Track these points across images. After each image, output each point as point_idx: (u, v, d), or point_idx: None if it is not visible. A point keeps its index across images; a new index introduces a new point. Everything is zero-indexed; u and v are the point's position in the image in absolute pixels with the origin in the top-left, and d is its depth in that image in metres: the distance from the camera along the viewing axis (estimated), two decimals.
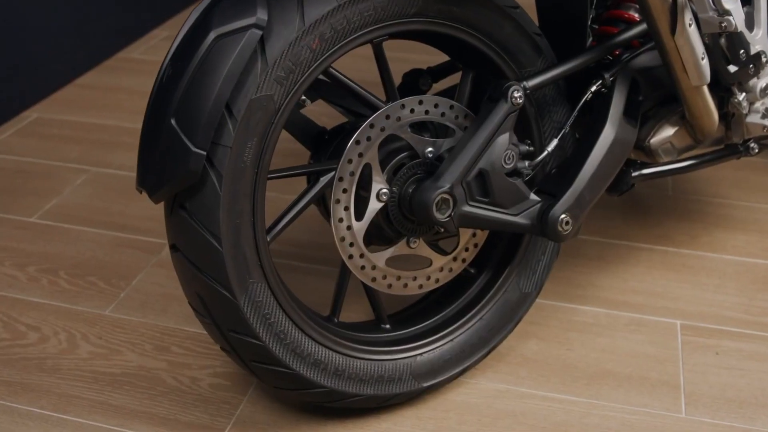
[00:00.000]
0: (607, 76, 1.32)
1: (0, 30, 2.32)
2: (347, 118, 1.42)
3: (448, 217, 1.21)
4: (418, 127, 1.33)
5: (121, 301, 1.65)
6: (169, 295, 1.66)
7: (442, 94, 1.44)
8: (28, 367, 1.48)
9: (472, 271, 1.43)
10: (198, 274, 1.14)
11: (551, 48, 1.36)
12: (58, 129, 2.35)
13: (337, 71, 1.20)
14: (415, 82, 1.46)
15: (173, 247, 1.16)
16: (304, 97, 1.21)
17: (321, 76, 1.22)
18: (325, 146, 1.35)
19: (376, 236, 1.29)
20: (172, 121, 1.06)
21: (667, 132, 1.44)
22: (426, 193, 1.19)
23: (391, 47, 1.49)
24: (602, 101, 1.32)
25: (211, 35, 1.07)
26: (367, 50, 1.28)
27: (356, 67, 2.43)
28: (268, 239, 1.21)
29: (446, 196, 1.20)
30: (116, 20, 2.81)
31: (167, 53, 1.12)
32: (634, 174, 1.44)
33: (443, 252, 1.32)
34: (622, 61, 1.35)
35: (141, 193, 1.13)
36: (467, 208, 1.22)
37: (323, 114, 2.06)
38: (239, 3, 1.08)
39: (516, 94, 1.22)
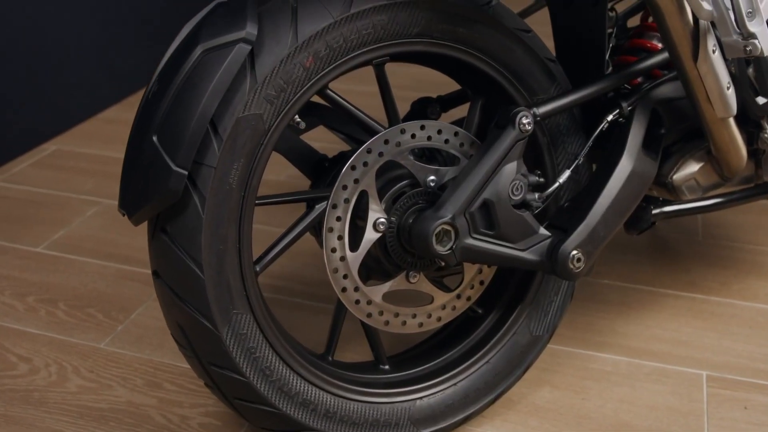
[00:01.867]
0: (624, 105, 1.24)
1: (26, 62, 2.32)
2: (351, 146, 1.36)
3: (449, 249, 1.13)
4: (428, 156, 1.26)
5: (118, 335, 1.58)
6: (167, 330, 1.59)
7: (455, 124, 1.37)
8: (14, 399, 1.41)
9: (480, 311, 1.34)
10: (178, 302, 1.07)
11: (567, 77, 1.29)
12: (75, 161, 2.33)
13: (334, 93, 1.14)
14: (424, 111, 1.39)
15: (155, 274, 1.09)
16: (298, 120, 1.15)
17: (318, 98, 1.16)
18: (325, 174, 1.29)
19: (374, 269, 1.21)
20: (154, 138, 1.01)
21: (692, 168, 1.35)
22: (425, 224, 1.12)
23: (402, 85, 1.43)
24: (620, 132, 1.24)
25: (198, 49, 1.01)
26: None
27: (369, 103, 2.38)
28: (258, 269, 1.14)
29: (447, 227, 1.12)
30: (142, 56, 2.81)
31: (156, 69, 1.07)
32: (655, 211, 1.35)
33: (446, 289, 1.24)
34: (642, 90, 1.27)
35: (124, 215, 1.08)
36: (470, 241, 1.14)
37: (337, 147, 2.00)
38: (229, 16, 1.03)
39: (524, 120, 1.14)
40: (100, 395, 1.42)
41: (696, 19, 1.14)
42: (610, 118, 1.24)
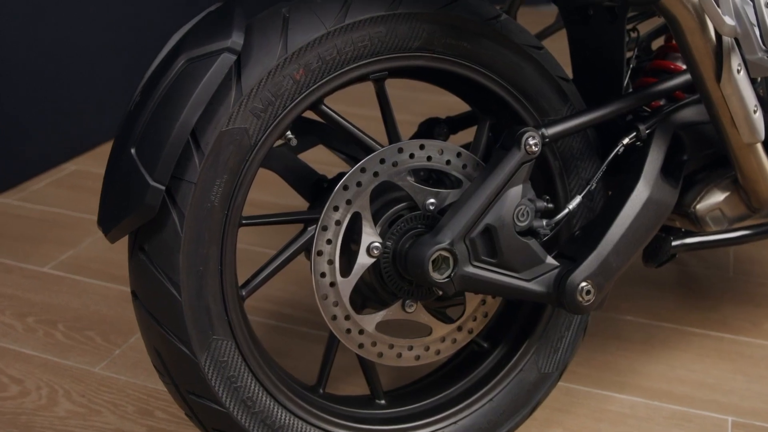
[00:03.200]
0: (642, 128, 1.16)
1: (48, 83, 2.32)
2: (351, 167, 1.29)
3: (447, 278, 1.05)
4: (436, 180, 1.19)
5: (114, 359, 1.53)
6: None
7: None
8: (0, 422, 1.36)
9: (485, 345, 1.26)
10: (155, 325, 1.01)
11: (585, 99, 1.21)
12: (92, 182, 2.30)
13: (330, 109, 1.08)
14: (431, 132, 1.33)
15: (133, 294, 1.04)
16: (290, 136, 1.09)
17: (313, 115, 1.10)
18: (323, 196, 1.22)
19: (369, 297, 1.14)
20: (132, 151, 0.96)
21: (717, 197, 1.26)
22: (422, 249, 1.04)
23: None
24: (637, 157, 1.16)
25: (182, 58, 0.96)
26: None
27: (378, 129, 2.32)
28: (244, 293, 1.07)
29: (445, 253, 1.04)
30: None
31: (142, 80, 1.03)
32: (675, 243, 1.26)
33: (446, 320, 1.16)
34: (662, 113, 1.19)
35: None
36: (470, 269, 1.06)
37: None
38: (214, 25, 0.98)
39: (531, 141, 1.07)
40: (89, 421, 1.37)
41: (719, 36, 1.06)
42: (625, 141, 1.15)
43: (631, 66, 1.29)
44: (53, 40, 2.32)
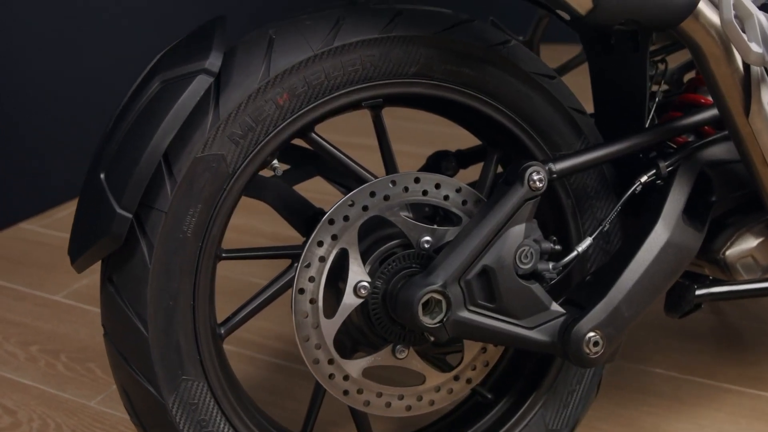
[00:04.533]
0: (662, 165, 1.06)
1: (73, 112, 2.32)
2: None
3: (438, 322, 0.97)
4: (443, 217, 1.11)
5: (111, 393, 1.47)
6: None
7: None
8: None
9: (489, 396, 1.16)
10: (122, 362, 0.95)
11: (605, 134, 1.12)
12: None
13: (320, 137, 1.01)
14: (438, 166, 1.25)
15: (103, 328, 0.98)
16: (276, 164, 1.02)
17: (304, 144, 1.04)
18: None
19: (358, 341, 1.06)
20: (102, 176, 0.90)
21: (748, 243, 1.15)
22: (412, 290, 0.96)
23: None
24: (657, 196, 1.06)
25: (157, 80, 0.91)
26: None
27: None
28: (223, 332, 1.01)
29: (437, 296, 0.96)
30: None
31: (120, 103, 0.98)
32: (700, 292, 1.15)
33: (444, 367, 1.07)
34: (686, 150, 1.09)
35: None
36: (465, 314, 0.98)
37: None
38: (193, 46, 0.93)
39: (535, 177, 0.98)
40: None
41: (746, 65, 0.97)
42: (643, 179, 1.06)
43: (657, 100, 1.20)
44: (80, 70, 2.32)
